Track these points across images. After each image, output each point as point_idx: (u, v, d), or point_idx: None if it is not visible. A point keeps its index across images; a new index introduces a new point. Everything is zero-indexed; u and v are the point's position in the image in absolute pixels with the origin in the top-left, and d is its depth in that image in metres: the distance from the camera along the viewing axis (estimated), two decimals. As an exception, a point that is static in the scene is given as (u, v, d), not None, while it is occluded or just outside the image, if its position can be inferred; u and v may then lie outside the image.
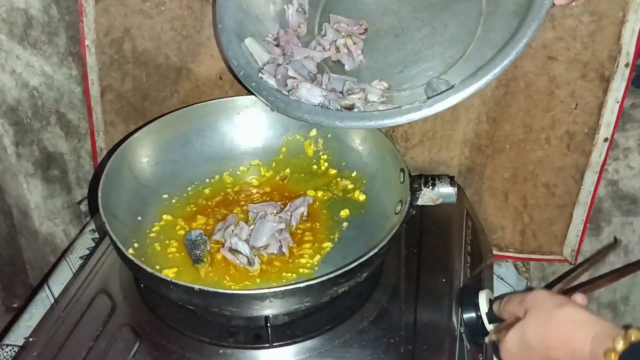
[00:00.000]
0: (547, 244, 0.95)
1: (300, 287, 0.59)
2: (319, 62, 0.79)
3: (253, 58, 0.77)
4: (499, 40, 0.66)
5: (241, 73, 0.75)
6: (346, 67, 0.79)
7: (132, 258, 0.62)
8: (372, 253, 0.62)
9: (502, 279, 0.94)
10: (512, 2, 0.69)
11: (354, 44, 0.78)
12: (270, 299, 0.59)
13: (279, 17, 0.82)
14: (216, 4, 0.79)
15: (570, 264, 0.95)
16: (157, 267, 0.70)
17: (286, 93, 0.73)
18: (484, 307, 0.69)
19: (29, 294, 1.12)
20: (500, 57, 0.64)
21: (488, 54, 0.66)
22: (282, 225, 0.73)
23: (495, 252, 0.95)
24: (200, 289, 0.58)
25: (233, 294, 0.60)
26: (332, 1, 0.82)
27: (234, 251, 0.70)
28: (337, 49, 0.79)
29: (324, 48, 0.79)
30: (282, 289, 0.58)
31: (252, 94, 0.75)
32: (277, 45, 0.79)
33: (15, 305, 1.17)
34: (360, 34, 0.80)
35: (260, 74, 0.74)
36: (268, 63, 0.76)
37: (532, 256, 0.96)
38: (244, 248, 0.69)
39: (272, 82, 0.74)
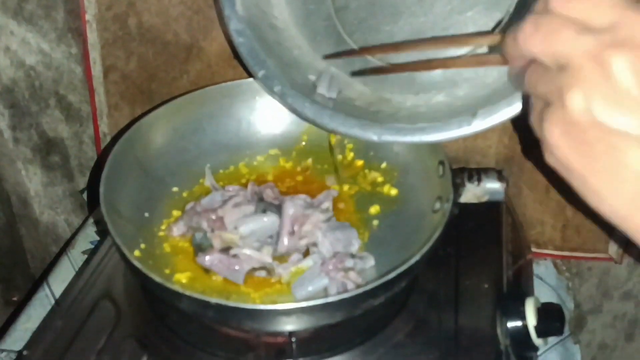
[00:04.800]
0: (591, 240, 0.86)
1: (331, 302, 0.51)
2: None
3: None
4: None
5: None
6: None
7: (138, 265, 0.55)
8: (413, 261, 0.54)
9: (541, 278, 0.86)
10: None
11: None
12: (297, 315, 0.51)
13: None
14: None
15: (616, 262, 0.87)
16: (167, 271, 0.63)
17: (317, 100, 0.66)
18: (531, 317, 0.62)
19: (30, 286, 1.06)
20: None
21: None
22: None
23: (533, 249, 0.88)
24: (217, 303, 0.51)
25: (255, 309, 0.52)
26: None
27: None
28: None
29: None
30: (312, 303, 0.51)
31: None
32: None
33: (15, 298, 1.11)
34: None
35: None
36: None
37: (574, 254, 0.88)
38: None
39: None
